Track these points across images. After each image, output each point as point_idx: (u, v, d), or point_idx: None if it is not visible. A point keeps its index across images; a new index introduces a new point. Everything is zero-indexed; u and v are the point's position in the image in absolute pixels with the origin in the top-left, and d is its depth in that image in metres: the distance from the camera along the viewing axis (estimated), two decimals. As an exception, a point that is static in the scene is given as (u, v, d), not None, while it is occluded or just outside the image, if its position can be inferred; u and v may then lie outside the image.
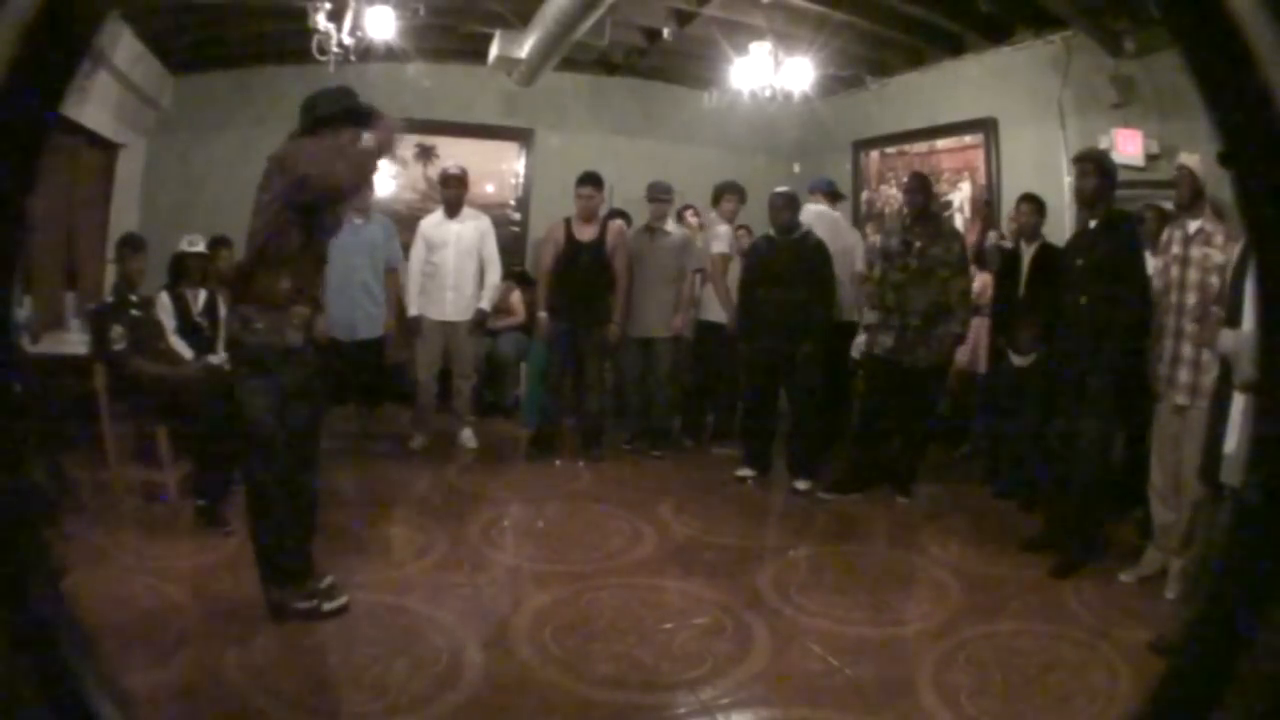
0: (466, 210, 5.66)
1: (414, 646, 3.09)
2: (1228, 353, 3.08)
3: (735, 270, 5.66)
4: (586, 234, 5.51)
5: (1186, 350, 3.57)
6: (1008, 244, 5.02)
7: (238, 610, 3.24)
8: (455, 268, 5.57)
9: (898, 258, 4.83)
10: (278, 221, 2.94)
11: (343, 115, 3.05)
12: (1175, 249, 3.66)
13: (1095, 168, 3.92)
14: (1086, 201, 3.97)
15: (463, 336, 5.66)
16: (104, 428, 4.13)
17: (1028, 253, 4.79)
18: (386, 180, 7.68)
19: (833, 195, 6.10)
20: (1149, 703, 0.65)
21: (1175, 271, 3.63)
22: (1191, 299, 3.56)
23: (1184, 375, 3.57)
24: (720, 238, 5.81)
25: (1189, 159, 3.59)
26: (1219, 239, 3.51)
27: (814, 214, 5.60)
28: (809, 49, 5.84)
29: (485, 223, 5.70)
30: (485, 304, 5.69)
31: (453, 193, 5.64)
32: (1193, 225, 3.61)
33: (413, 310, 5.60)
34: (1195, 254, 3.57)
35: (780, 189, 5.30)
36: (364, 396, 5.61)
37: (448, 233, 5.59)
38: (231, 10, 6.15)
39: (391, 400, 6.08)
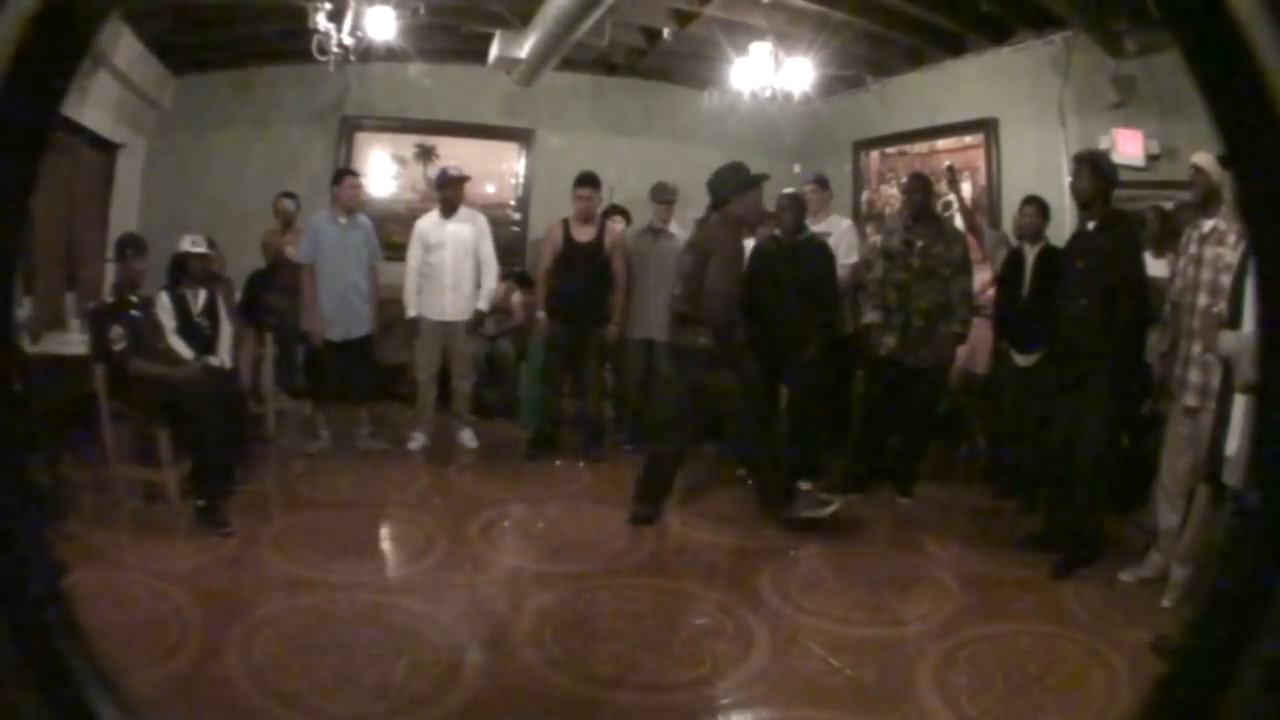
0: (463, 210, 5.64)
1: (414, 646, 3.09)
2: (1228, 354, 3.07)
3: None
4: (585, 235, 5.50)
5: (1197, 351, 3.53)
6: (1014, 241, 5.02)
7: (238, 610, 3.24)
8: (453, 268, 5.54)
9: (900, 257, 4.83)
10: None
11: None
12: (1191, 249, 3.64)
13: (1088, 169, 3.90)
14: (1080, 202, 3.98)
15: (461, 337, 5.65)
16: (104, 428, 4.12)
17: (1031, 254, 4.79)
18: (386, 180, 7.70)
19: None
20: (1149, 703, 0.65)
21: (1190, 271, 3.61)
22: (1203, 299, 3.53)
23: (1195, 376, 3.53)
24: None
25: (1202, 158, 3.55)
26: (1231, 238, 3.47)
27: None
28: (809, 49, 5.84)
29: (482, 222, 5.68)
30: (483, 304, 5.67)
31: (449, 194, 5.61)
32: (1207, 224, 3.58)
33: (411, 311, 5.58)
34: (1208, 254, 3.54)
35: (787, 190, 5.29)
36: (357, 395, 5.60)
37: (444, 233, 5.56)
38: (231, 10, 6.15)
39: (391, 400, 6.08)
